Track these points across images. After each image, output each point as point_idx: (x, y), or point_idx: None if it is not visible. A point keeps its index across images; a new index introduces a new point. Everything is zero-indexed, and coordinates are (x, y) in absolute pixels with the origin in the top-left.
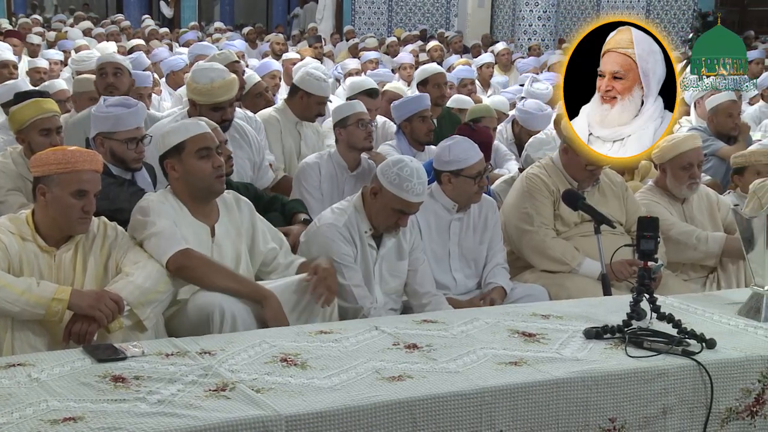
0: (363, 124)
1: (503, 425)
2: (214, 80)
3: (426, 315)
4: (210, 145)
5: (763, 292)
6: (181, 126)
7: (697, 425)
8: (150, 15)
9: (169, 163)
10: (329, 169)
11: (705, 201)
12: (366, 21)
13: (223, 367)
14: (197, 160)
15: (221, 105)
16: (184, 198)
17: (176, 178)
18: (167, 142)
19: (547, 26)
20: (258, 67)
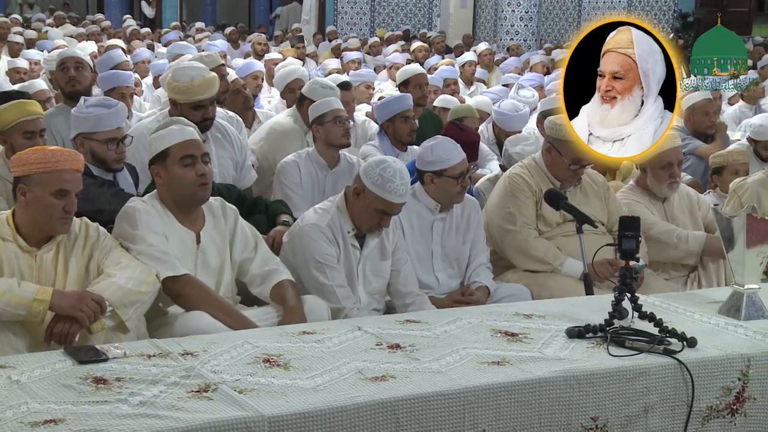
0: (340, 121)
1: (486, 425)
2: (194, 78)
3: (409, 315)
4: (194, 153)
5: (743, 291)
6: (167, 132)
7: (678, 423)
8: (131, 15)
9: (155, 169)
10: (308, 167)
11: (686, 200)
12: (348, 21)
13: (206, 368)
14: (181, 168)
15: (202, 103)
16: (170, 204)
17: (162, 184)
18: (153, 148)
19: (529, 26)
20: (240, 68)
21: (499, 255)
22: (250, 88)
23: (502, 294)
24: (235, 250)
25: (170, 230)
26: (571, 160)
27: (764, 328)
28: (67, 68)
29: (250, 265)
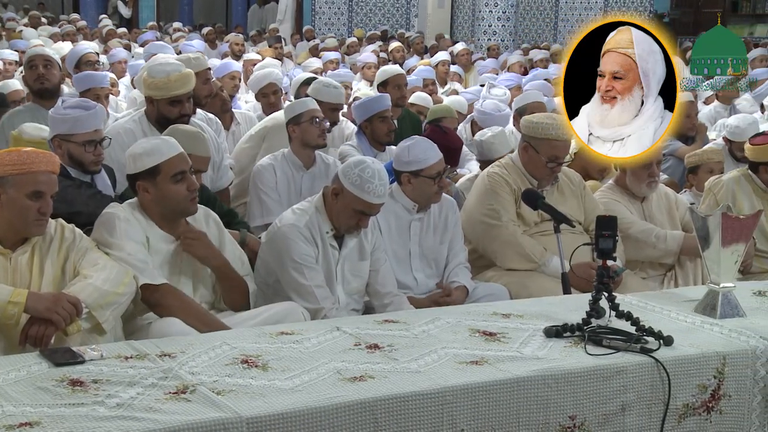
0: (316, 121)
1: (464, 424)
2: (171, 74)
3: (387, 315)
4: (185, 168)
5: (719, 290)
6: (154, 148)
7: (654, 421)
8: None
9: (141, 185)
10: (284, 168)
11: (664, 200)
12: (326, 21)
13: (184, 369)
14: (172, 185)
15: (179, 98)
16: (154, 215)
17: (149, 199)
18: (140, 164)
19: (507, 27)
20: (217, 68)
21: (479, 254)
22: (228, 89)
23: (481, 294)
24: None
25: (152, 238)
26: (547, 158)
27: (739, 326)
28: (35, 66)
29: None
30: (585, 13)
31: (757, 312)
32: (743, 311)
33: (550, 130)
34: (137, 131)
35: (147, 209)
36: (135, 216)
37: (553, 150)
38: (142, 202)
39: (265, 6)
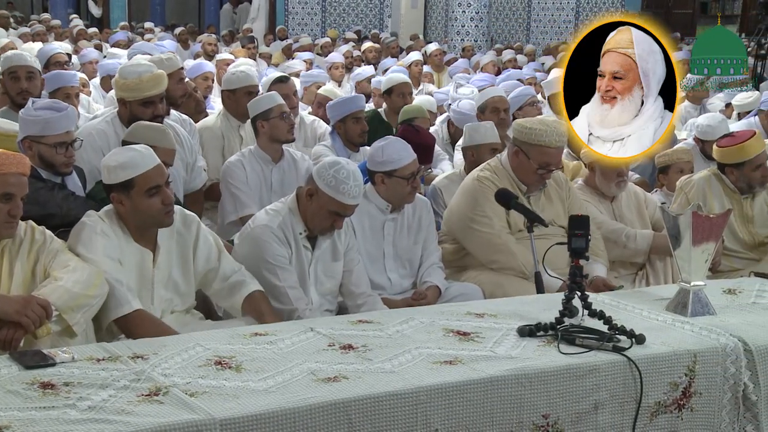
0: (285, 117)
1: (438, 424)
2: (143, 74)
3: (361, 315)
4: (160, 182)
5: (690, 288)
6: (129, 161)
7: (627, 419)
8: (78, 14)
9: (115, 197)
10: (253, 164)
11: (633, 199)
12: (300, 21)
13: (156, 371)
14: (147, 198)
15: (151, 99)
16: (129, 225)
17: (124, 211)
18: (114, 177)
19: (480, 27)
20: (190, 69)
21: (459, 255)
22: (201, 89)
23: (454, 293)
24: (198, 260)
25: (126, 250)
26: (538, 165)
27: (710, 324)
28: (17, 78)
29: (215, 276)
30: (557, 14)
31: (726, 310)
32: (713, 309)
33: (543, 137)
34: (110, 132)
35: (123, 219)
36: (112, 227)
37: (545, 157)
38: (118, 212)
39: (238, 6)
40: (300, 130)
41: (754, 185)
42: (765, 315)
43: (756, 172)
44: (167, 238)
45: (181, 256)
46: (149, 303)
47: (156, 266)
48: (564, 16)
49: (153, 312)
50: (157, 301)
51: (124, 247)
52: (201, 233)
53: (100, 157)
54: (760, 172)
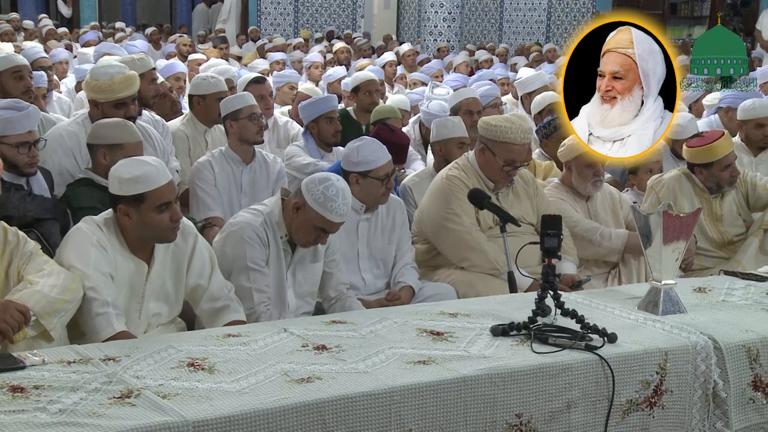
0: (255, 118)
1: (412, 424)
2: (114, 76)
3: (335, 316)
4: (171, 199)
5: (661, 287)
6: (143, 175)
7: (599, 418)
8: (47, 14)
9: (122, 209)
10: (222, 165)
11: (608, 199)
12: (272, 22)
13: (128, 373)
14: (157, 214)
15: (123, 101)
16: (129, 237)
17: (130, 223)
18: (125, 189)
19: (452, 27)
20: (162, 69)
21: (432, 255)
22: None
23: (428, 293)
24: (191, 274)
25: (120, 262)
26: (504, 162)
27: (680, 323)
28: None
29: (203, 294)
30: (529, 14)
31: (697, 308)
32: (684, 307)
33: (508, 134)
34: (80, 134)
35: (123, 230)
36: (109, 237)
37: (510, 153)
38: (119, 223)
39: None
40: (273, 131)
41: (722, 185)
42: (734, 313)
43: (724, 172)
44: (163, 250)
45: (175, 267)
46: (136, 317)
47: (149, 280)
48: (536, 16)
49: (139, 325)
50: (144, 315)
51: (119, 259)
52: (198, 246)
53: (71, 159)
54: (729, 172)
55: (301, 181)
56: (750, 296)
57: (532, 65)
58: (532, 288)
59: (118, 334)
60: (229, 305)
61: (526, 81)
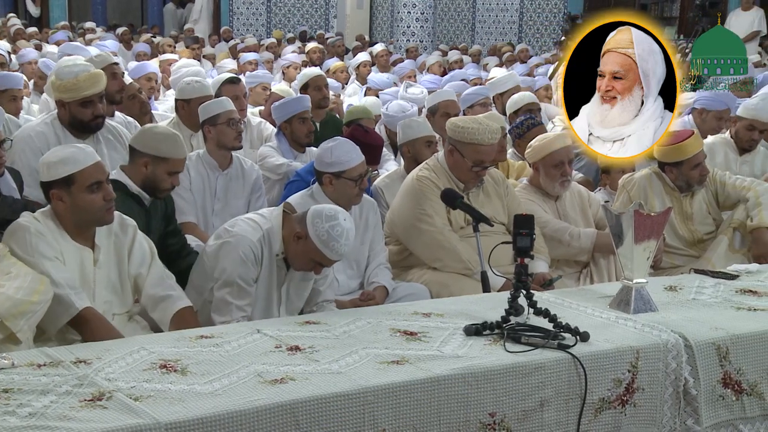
0: (233, 123)
1: (386, 424)
2: (79, 74)
3: (308, 316)
4: (101, 178)
5: (632, 285)
6: (69, 156)
7: (572, 416)
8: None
9: (55, 193)
10: (199, 169)
11: (577, 198)
12: (244, 22)
13: (100, 375)
14: (88, 194)
15: (90, 99)
16: (67, 224)
17: (64, 208)
18: (54, 173)
19: (425, 28)
20: (133, 69)
21: (405, 255)
22: (144, 90)
23: (401, 293)
24: (132, 263)
25: (65, 250)
26: (472, 162)
27: (652, 321)
28: None
29: (144, 282)
30: (501, 15)
31: (668, 306)
32: (655, 306)
33: (476, 135)
34: (50, 135)
35: (60, 218)
36: (48, 226)
37: (478, 154)
38: (56, 211)
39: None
40: (246, 131)
41: (692, 184)
42: (704, 311)
43: (694, 171)
44: (105, 238)
45: (117, 257)
46: (91, 302)
47: (97, 265)
48: (508, 17)
49: None
50: (98, 302)
51: (63, 245)
52: (137, 237)
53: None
54: (698, 171)
55: (273, 181)
56: (720, 294)
57: (504, 65)
58: (505, 287)
59: (84, 311)
60: (172, 294)
61: (497, 81)
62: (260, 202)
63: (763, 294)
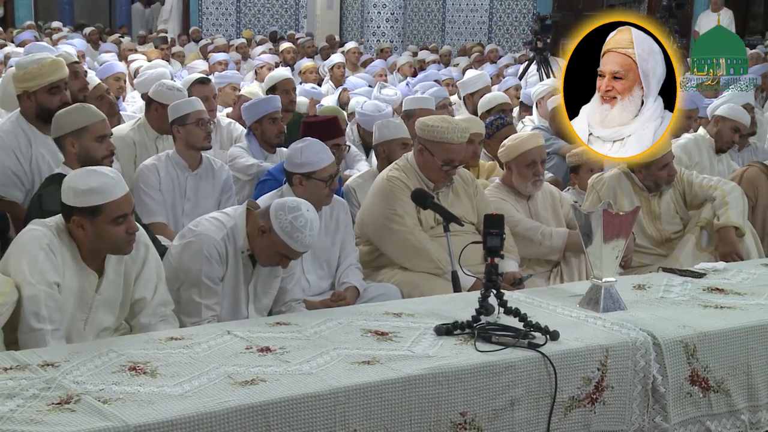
0: (202, 124)
1: (357, 424)
2: (42, 61)
3: (279, 317)
4: (128, 211)
5: (601, 284)
6: (100, 187)
7: (542, 415)
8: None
9: (77, 220)
10: (168, 169)
11: (549, 198)
12: (214, 22)
13: (68, 378)
14: (113, 227)
15: (56, 84)
16: (82, 249)
17: (82, 234)
18: (80, 200)
19: (395, 28)
20: (101, 69)
21: (375, 255)
22: (113, 90)
23: (373, 293)
24: (138, 287)
25: (69, 272)
26: (442, 162)
27: (621, 319)
28: None
29: (144, 307)
30: (471, 15)
31: (637, 305)
32: (624, 304)
33: (445, 134)
34: (17, 132)
35: (76, 240)
36: (61, 245)
37: (448, 153)
38: (72, 233)
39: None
40: (216, 132)
41: (660, 183)
42: (672, 309)
43: (662, 171)
44: (115, 262)
45: (123, 281)
46: (81, 327)
47: (99, 292)
48: (478, 17)
49: (83, 335)
50: (90, 326)
51: (69, 269)
52: (148, 258)
53: (13, 158)
54: (666, 171)
55: (244, 182)
56: (687, 292)
57: (474, 66)
58: (476, 287)
59: None
60: (165, 320)
61: (468, 81)
62: (230, 202)
63: (729, 292)
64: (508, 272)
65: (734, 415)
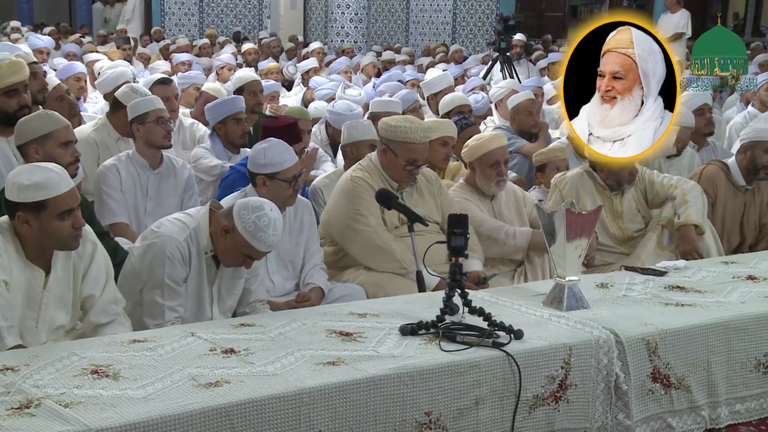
0: (162, 122)
1: (322, 425)
2: (0, 62)
3: (243, 319)
4: (73, 205)
5: (565, 283)
6: (44, 181)
7: (507, 414)
8: None
9: (21, 216)
10: (129, 169)
11: (512, 197)
12: (176, 22)
13: (28, 382)
14: (58, 221)
15: (14, 87)
16: (27, 246)
17: (27, 230)
18: (24, 196)
19: (359, 28)
20: (61, 69)
21: (340, 255)
22: (73, 91)
23: (337, 294)
24: (85, 284)
25: (15, 270)
26: (405, 161)
27: (584, 318)
28: None
29: (93, 304)
30: (435, 16)
31: (600, 303)
32: (587, 303)
33: (408, 134)
34: None
35: (21, 237)
36: (5, 243)
37: (411, 153)
38: (17, 230)
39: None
40: (178, 132)
41: (622, 182)
42: (634, 307)
43: (624, 171)
44: (63, 260)
45: (71, 277)
46: (33, 325)
47: (47, 288)
48: (441, 17)
49: (36, 334)
50: (42, 324)
51: (14, 265)
52: (96, 255)
53: None
54: (628, 171)
55: (207, 183)
56: (649, 290)
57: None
58: (440, 287)
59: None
60: (115, 320)
61: (431, 82)
62: (193, 201)
63: (690, 290)
64: (472, 272)
65: (695, 411)
